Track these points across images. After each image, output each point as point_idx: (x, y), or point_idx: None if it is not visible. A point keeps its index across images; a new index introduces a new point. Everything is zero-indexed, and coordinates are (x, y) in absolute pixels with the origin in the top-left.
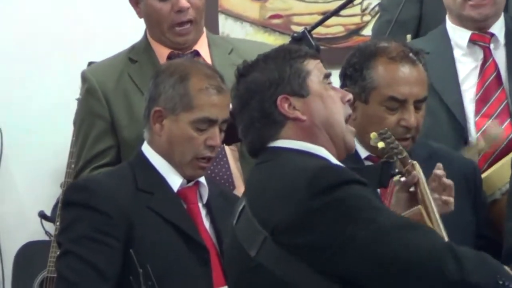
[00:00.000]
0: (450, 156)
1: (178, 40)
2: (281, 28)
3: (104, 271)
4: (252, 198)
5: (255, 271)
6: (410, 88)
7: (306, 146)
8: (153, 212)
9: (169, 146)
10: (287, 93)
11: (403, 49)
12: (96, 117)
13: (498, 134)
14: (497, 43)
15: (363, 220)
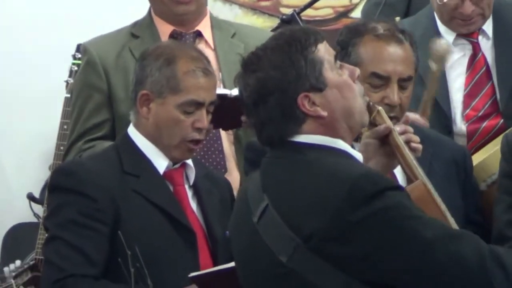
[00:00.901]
0: (441, 141)
1: (179, 9)
2: (270, 11)
3: (91, 255)
4: (278, 198)
5: (287, 277)
6: (394, 66)
7: (325, 140)
8: (139, 195)
9: (157, 129)
10: (306, 90)
11: (390, 28)
12: (94, 90)
13: (448, 50)
14: (485, 36)
15: (406, 232)
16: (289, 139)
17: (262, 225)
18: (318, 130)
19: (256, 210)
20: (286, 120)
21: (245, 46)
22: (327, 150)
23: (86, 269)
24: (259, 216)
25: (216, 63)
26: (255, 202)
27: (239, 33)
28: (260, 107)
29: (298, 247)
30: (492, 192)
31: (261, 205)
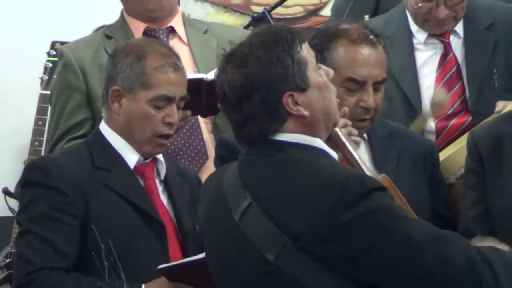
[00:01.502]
0: (408, 135)
1: (151, 4)
2: (241, 9)
3: (62, 249)
4: (262, 197)
5: (273, 275)
6: (369, 70)
7: (305, 139)
8: (110, 189)
9: (128, 125)
10: (291, 89)
11: (364, 31)
12: (73, 90)
13: (444, 100)
14: (456, 35)
15: (395, 234)
16: (270, 137)
17: (245, 223)
18: (299, 129)
19: (237, 207)
20: (269, 117)
21: (218, 41)
22: (307, 148)
23: (57, 262)
24: (241, 214)
25: (191, 57)
26: (235, 199)
27: (211, 29)
28: (244, 103)
29: (286, 246)
30: (460, 185)
31: (243, 202)
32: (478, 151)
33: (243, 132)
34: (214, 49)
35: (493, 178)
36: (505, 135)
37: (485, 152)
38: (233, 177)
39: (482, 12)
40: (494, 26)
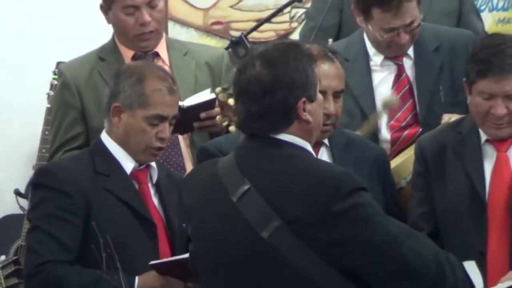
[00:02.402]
0: (363, 144)
1: (142, 45)
2: (221, 33)
3: (66, 244)
4: (261, 184)
5: (265, 252)
6: (329, 81)
7: (300, 142)
8: (109, 192)
9: (126, 136)
10: (306, 96)
11: (323, 49)
12: (70, 107)
13: (394, 101)
14: (408, 57)
15: (378, 226)
16: (272, 135)
17: (242, 205)
18: (299, 132)
19: (235, 191)
20: (282, 115)
21: (196, 62)
22: (301, 149)
23: (62, 255)
24: (239, 196)
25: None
26: (233, 184)
27: (190, 51)
28: (267, 97)
29: (280, 227)
30: (409, 189)
31: (241, 187)
32: (424, 157)
33: (255, 125)
34: (193, 70)
35: (436, 181)
36: (447, 143)
37: (430, 158)
38: (230, 166)
39: (430, 36)
40: (440, 49)
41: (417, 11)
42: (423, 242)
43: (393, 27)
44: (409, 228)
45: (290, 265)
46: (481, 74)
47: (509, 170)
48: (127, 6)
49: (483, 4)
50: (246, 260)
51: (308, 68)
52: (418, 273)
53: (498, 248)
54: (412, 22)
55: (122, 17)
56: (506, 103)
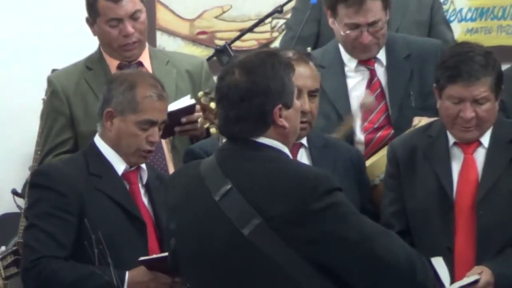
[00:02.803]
0: (340, 146)
1: (126, 54)
2: (206, 42)
3: (61, 240)
4: (242, 184)
5: (246, 248)
6: (303, 81)
7: (278, 145)
8: (101, 192)
9: (117, 140)
10: (283, 103)
11: (298, 52)
12: (59, 114)
13: (371, 102)
14: (380, 63)
15: (352, 225)
16: (252, 138)
17: (224, 203)
18: (276, 136)
19: (217, 191)
20: (259, 120)
21: (177, 71)
22: (279, 152)
23: (57, 251)
24: (221, 196)
25: None
26: (215, 184)
27: (172, 60)
28: (245, 103)
29: (260, 224)
30: (382, 187)
31: (223, 187)
32: (395, 159)
33: (233, 129)
34: (174, 78)
35: (407, 182)
36: (417, 146)
37: (402, 160)
38: (212, 167)
39: (401, 45)
40: (410, 56)
41: (383, 14)
42: (395, 240)
43: (356, 23)
44: (381, 227)
45: (269, 261)
46: (451, 80)
47: (475, 171)
48: (111, 19)
49: (453, 15)
50: (228, 256)
51: (285, 76)
52: (390, 269)
53: (465, 245)
54: (375, 22)
55: (106, 29)
56: (474, 107)
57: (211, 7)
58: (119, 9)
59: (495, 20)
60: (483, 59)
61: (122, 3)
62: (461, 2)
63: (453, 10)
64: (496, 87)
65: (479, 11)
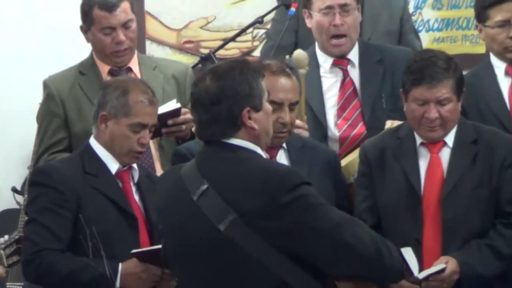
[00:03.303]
0: (317, 147)
1: (117, 60)
2: (192, 51)
3: (59, 234)
4: (217, 183)
5: (223, 243)
6: (285, 94)
7: (250, 145)
8: (96, 190)
9: (111, 141)
10: (250, 106)
11: (281, 65)
12: (54, 116)
13: (302, 58)
14: (352, 64)
15: (321, 215)
16: (224, 140)
17: (202, 202)
18: (247, 137)
19: (195, 191)
20: (229, 123)
21: (164, 76)
22: (251, 152)
23: (55, 244)
24: (199, 195)
25: None
26: (193, 184)
27: (159, 66)
28: (215, 107)
29: (235, 220)
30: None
31: (201, 187)
32: (367, 159)
33: (207, 132)
34: (161, 82)
35: (378, 180)
36: (387, 147)
37: (373, 160)
38: (191, 169)
39: (374, 50)
40: (382, 61)
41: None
42: (361, 227)
43: (329, 6)
44: (348, 216)
45: (244, 253)
46: (415, 83)
47: (441, 169)
48: (105, 27)
49: (421, 25)
50: (207, 250)
51: (253, 81)
52: (358, 254)
53: (432, 237)
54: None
55: (100, 37)
56: (437, 108)
57: (196, 18)
58: (113, 19)
59: (460, 30)
60: (445, 63)
61: (115, 13)
62: (428, 13)
63: (421, 20)
64: (458, 89)
65: (445, 21)
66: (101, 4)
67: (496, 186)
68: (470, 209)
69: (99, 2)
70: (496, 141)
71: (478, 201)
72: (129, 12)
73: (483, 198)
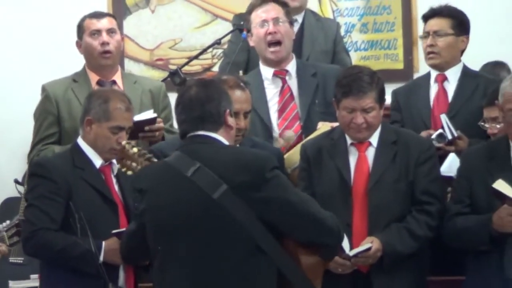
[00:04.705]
0: (264, 146)
1: (103, 62)
2: (162, 67)
3: (53, 216)
4: (209, 163)
5: (216, 208)
6: (241, 105)
7: (225, 141)
8: (84, 181)
9: (95, 141)
10: (229, 109)
11: (236, 80)
12: (49, 113)
13: (291, 137)
14: (290, 75)
15: (292, 190)
16: (207, 134)
17: (196, 177)
18: (223, 135)
19: (188, 170)
20: (214, 120)
21: (142, 89)
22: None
23: (50, 224)
24: (192, 172)
25: None
26: (185, 166)
27: (138, 81)
28: (205, 105)
29: (227, 190)
30: (294, 175)
31: (193, 166)
32: (307, 156)
33: (197, 127)
34: (139, 95)
35: (315, 173)
36: (323, 146)
37: (311, 157)
38: (179, 156)
39: (309, 66)
40: (316, 74)
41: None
42: (318, 205)
43: (264, 19)
44: (309, 196)
45: (231, 218)
46: (345, 95)
47: (367, 165)
48: (93, 30)
49: (350, 46)
50: (201, 216)
51: (227, 93)
52: (321, 223)
53: (360, 221)
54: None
55: (89, 40)
56: (363, 115)
57: (166, 40)
58: (99, 23)
59: (382, 50)
60: (369, 78)
61: (101, 20)
62: (356, 36)
63: (351, 42)
64: (380, 98)
65: (370, 43)
66: (91, 14)
67: (412, 180)
68: (391, 198)
69: (90, 14)
70: (412, 142)
71: (397, 192)
72: (114, 24)
73: (402, 189)
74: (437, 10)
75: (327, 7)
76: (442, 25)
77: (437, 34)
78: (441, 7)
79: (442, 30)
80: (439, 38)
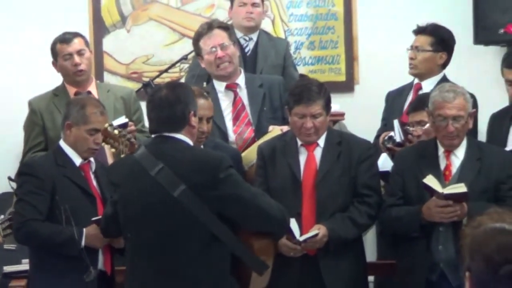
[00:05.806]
0: (224, 147)
1: (77, 79)
2: (137, 79)
3: (40, 209)
4: (170, 164)
5: (174, 205)
6: (204, 111)
7: (188, 140)
8: (66, 177)
9: (74, 142)
10: (194, 111)
11: (200, 90)
12: (35, 125)
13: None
14: (240, 88)
15: (244, 188)
16: (171, 135)
17: (159, 177)
18: (187, 135)
19: (152, 169)
20: (179, 122)
21: (115, 97)
22: (190, 145)
23: (37, 216)
24: (156, 172)
25: None
26: (150, 165)
27: (111, 89)
28: (173, 107)
29: (185, 189)
30: (251, 171)
31: (157, 166)
32: (262, 155)
33: (163, 126)
34: (112, 102)
35: (270, 170)
36: (277, 147)
37: (266, 156)
38: (145, 154)
39: (256, 78)
40: (263, 85)
41: (227, 39)
42: (269, 198)
43: (212, 46)
44: (259, 190)
45: (189, 213)
46: (296, 102)
47: (315, 163)
48: (65, 55)
49: (299, 61)
50: (162, 211)
51: (193, 96)
52: (269, 215)
53: (309, 211)
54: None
55: (63, 63)
56: (312, 120)
57: (140, 56)
58: (69, 47)
59: (327, 64)
60: (317, 88)
61: (71, 44)
62: (305, 52)
63: (300, 57)
64: (326, 106)
65: (316, 58)
66: (60, 39)
67: (354, 175)
68: (336, 191)
69: (59, 38)
70: (354, 143)
71: (341, 186)
72: (83, 44)
73: (345, 183)
74: (421, 28)
75: (280, 28)
76: (422, 42)
77: (418, 49)
78: (426, 25)
79: (422, 46)
80: (418, 53)
